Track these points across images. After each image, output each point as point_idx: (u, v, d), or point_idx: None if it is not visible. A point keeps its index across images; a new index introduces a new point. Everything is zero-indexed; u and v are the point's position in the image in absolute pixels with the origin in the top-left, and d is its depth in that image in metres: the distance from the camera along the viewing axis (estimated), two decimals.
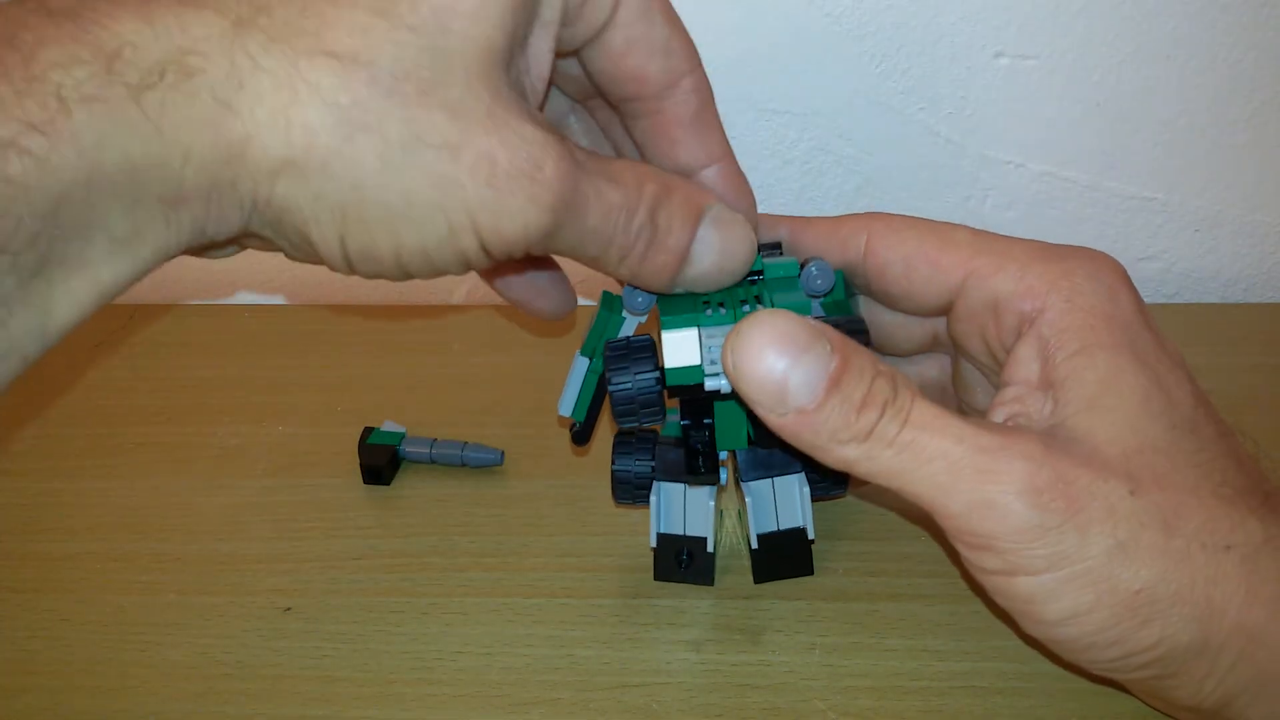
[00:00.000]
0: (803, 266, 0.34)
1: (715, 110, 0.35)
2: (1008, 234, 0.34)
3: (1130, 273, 0.33)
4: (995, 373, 0.35)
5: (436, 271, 0.29)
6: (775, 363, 0.28)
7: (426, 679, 0.36)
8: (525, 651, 0.37)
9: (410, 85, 0.27)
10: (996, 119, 0.54)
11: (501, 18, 0.27)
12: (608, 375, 0.33)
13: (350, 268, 0.29)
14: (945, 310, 0.35)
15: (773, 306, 0.32)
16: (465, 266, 0.29)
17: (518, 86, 0.29)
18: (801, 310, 0.31)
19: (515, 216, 0.28)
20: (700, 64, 0.34)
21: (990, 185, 0.56)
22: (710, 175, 0.35)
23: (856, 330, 0.32)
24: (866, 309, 0.37)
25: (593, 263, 0.31)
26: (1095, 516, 0.28)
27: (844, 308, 0.35)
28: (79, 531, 0.43)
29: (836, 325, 0.31)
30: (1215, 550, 0.28)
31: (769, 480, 0.37)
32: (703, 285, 0.34)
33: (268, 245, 0.30)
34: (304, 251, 0.29)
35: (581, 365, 0.37)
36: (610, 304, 0.36)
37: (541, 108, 0.31)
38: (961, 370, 0.37)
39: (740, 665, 0.36)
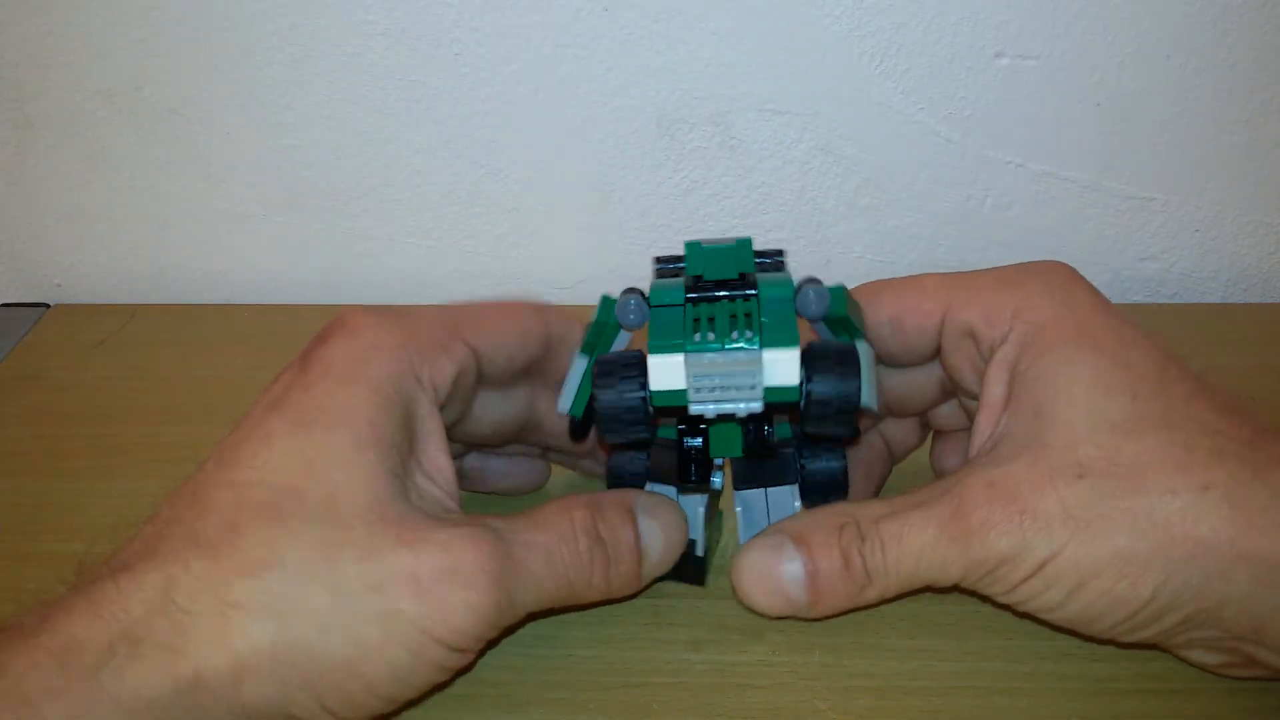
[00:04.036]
0: (799, 288, 0.33)
1: None
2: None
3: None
4: None
5: (425, 686, 0.31)
6: (767, 599, 0.34)
7: None
8: (525, 651, 0.37)
9: (317, 557, 0.29)
10: (996, 119, 0.54)
11: (372, 467, 0.30)
12: (595, 390, 0.33)
13: None
14: (937, 352, 0.37)
15: (760, 341, 0.31)
16: (446, 671, 0.31)
17: (424, 499, 0.32)
18: (787, 340, 0.31)
19: (461, 610, 0.30)
20: None
21: (990, 185, 0.55)
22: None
23: (843, 358, 0.32)
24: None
25: (572, 599, 0.33)
26: (1052, 515, 0.30)
27: (847, 324, 0.34)
28: (79, 531, 0.43)
29: (825, 353, 0.32)
30: (1190, 493, 0.30)
31: (762, 490, 0.37)
32: (660, 570, 0.36)
33: None
34: None
35: (581, 364, 0.36)
36: (609, 308, 0.36)
37: (459, 498, 0.33)
38: (966, 407, 0.38)
39: (740, 665, 0.36)
